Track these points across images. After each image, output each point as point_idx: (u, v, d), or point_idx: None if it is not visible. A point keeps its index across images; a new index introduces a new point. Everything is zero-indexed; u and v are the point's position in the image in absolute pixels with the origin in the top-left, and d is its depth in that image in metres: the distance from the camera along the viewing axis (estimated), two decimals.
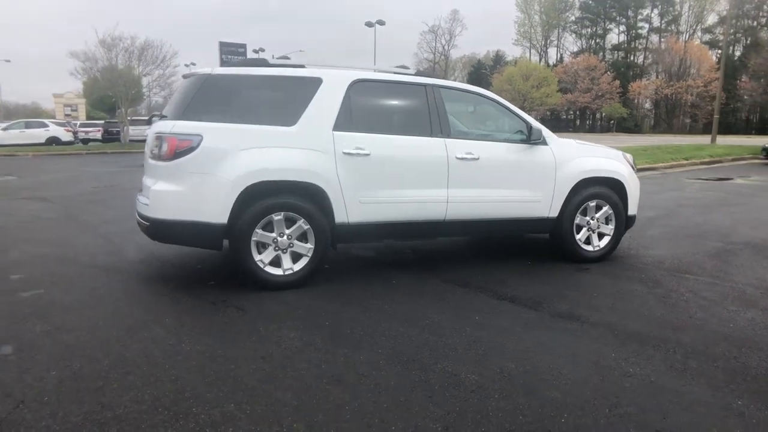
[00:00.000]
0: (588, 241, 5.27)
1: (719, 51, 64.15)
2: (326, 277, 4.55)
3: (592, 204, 5.21)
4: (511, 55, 75.67)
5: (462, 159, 4.65)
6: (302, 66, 4.50)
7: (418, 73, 4.90)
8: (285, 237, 4.21)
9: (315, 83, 4.36)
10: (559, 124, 68.08)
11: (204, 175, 3.99)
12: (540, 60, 75.02)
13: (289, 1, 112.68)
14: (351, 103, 4.39)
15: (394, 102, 4.69)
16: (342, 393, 2.66)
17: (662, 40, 71.13)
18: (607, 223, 5.33)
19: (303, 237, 4.27)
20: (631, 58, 74.17)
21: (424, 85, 4.74)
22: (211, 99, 4.15)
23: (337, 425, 2.38)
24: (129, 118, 26.20)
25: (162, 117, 4.40)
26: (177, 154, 3.97)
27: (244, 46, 57.73)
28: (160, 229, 4.09)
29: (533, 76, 54.60)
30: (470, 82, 74.52)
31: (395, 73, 4.80)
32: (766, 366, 3.03)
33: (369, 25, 37.09)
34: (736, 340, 3.40)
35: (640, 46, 74.50)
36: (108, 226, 6.90)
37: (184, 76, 4.85)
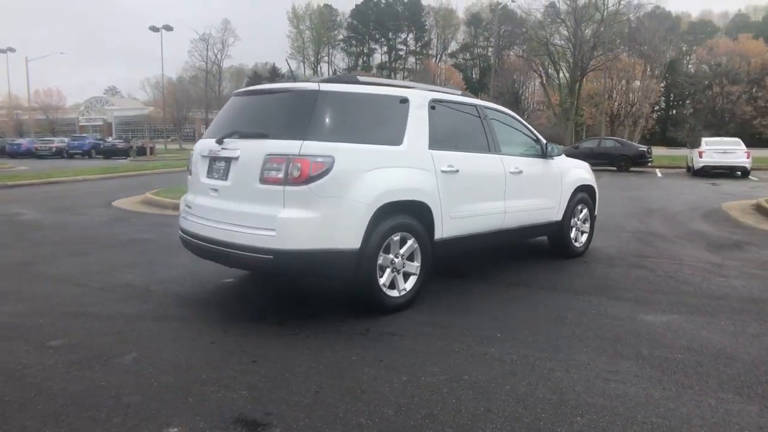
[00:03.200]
0: (575, 239, 6.21)
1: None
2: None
3: (579, 207, 6.18)
4: (286, 68, 77.09)
5: (512, 173, 5.13)
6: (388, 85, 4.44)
7: (462, 94, 5.21)
8: (399, 258, 4.13)
9: (405, 102, 4.36)
10: None
11: (338, 199, 3.70)
12: (314, 74, 77.93)
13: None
14: (433, 122, 4.51)
15: (460, 121, 4.91)
16: (665, 395, 2.93)
17: (418, 61, 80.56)
18: (584, 223, 6.36)
19: (411, 256, 4.23)
20: (394, 76, 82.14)
21: (476, 105, 5.09)
22: (325, 117, 3.84)
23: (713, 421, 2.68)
24: None
25: (256, 135, 3.87)
26: (311, 177, 3.61)
27: None
28: (289, 261, 3.62)
29: None
30: None
31: (450, 93, 5.03)
32: None
33: (154, 29, 34.15)
34: (765, 302, 4.57)
35: (400, 66, 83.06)
36: (46, 267, 5.54)
37: (240, 93, 4.38)
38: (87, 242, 6.86)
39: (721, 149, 19.30)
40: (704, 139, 20.82)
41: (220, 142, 4.04)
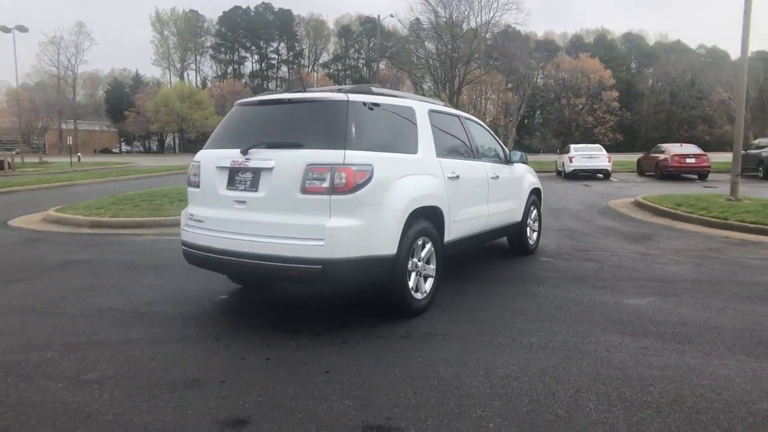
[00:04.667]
0: (530, 238, 6.79)
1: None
2: None
3: (532, 208, 6.77)
4: (150, 75, 72.33)
5: (492, 178, 5.53)
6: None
7: (444, 105, 5.49)
8: (421, 261, 4.29)
9: (413, 112, 4.54)
10: None
11: (378, 207, 3.78)
12: (180, 81, 73.92)
13: None
14: (434, 131, 4.74)
15: (451, 130, 5.16)
16: (698, 362, 3.40)
17: (291, 70, 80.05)
18: (534, 222, 6.97)
19: (429, 259, 4.41)
20: (266, 85, 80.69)
21: (458, 115, 5.41)
22: (358, 127, 3.88)
23: None
24: None
25: (290, 145, 3.80)
26: (356, 186, 3.65)
27: None
28: (336, 270, 3.61)
29: (191, 99, 53.88)
30: (109, 100, 67.97)
31: (437, 104, 5.28)
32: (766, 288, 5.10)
33: (5, 30, 30.23)
34: (716, 280, 5.41)
35: (273, 75, 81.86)
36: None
37: (250, 103, 4.27)
38: (16, 267, 6.04)
39: (588, 155, 21.83)
40: (572, 146, 23.34)
41: (245, 152, 3.89)
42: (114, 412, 2.72)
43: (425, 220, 4.27)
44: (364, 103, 4.02)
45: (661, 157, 21.45)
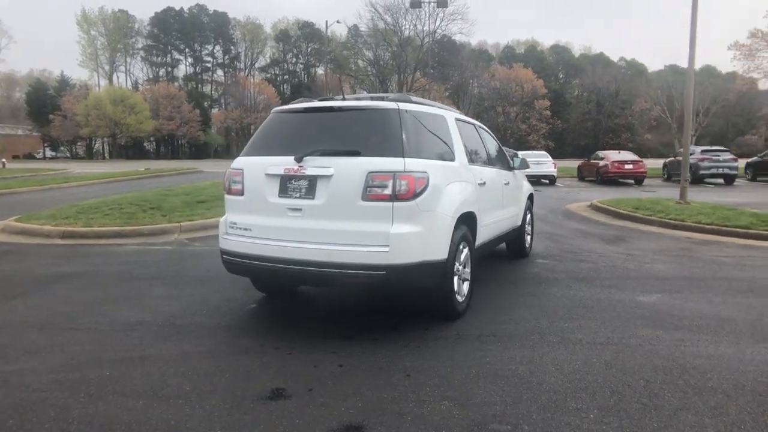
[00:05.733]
0: (525, 241, 7.10)
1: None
2: None
3: (527, 213, 7.08)
4: (77, 76, 68.46)
5: (505, 184, 5.77)
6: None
7: (460, 113, 5.66)
8: (461, 265, 4.43)
9: (445, 120, 4.68)
10: (141, 150, 66.08)
11: (433, 213, 3.89)
12: (110, 84, 70.41)
13: None
14: (463, 138, 4.90)
15: (472, 137, 5.33)
16: (734, 350, 3.72)
17: (227, 74, 78.14)
18: (528, 226, 7.29)
19: (466, 263, 4.55)
20: (202, 88, 78.36)
21: (473, 123, 5.60)
22: (411, 135, 3.97)
23: None
24: None
25: (347, 153, 3.83)
26: (416, 193, 3.74)
27: None
28: (399, 275, 3.67)
29: (124, 102, 51.45)
30: (31, 103, 63.51)
31: (456, 112, 5.44)
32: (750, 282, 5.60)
33: None
34: (703, 276, 5.89)
35: (208, 79, 79.63)
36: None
37: (293, 111, 4.28)
38: (4, 282, 5.63)
39: (535, 161, 22.73)
40: (519, 153, 24.25)
41: (299, 159, 3.89)
42: (220, 426, 2.67)
43: (464, 225, 4.42)
44: (407, 111, 4.13)
45: (601, 163, 22.76)
